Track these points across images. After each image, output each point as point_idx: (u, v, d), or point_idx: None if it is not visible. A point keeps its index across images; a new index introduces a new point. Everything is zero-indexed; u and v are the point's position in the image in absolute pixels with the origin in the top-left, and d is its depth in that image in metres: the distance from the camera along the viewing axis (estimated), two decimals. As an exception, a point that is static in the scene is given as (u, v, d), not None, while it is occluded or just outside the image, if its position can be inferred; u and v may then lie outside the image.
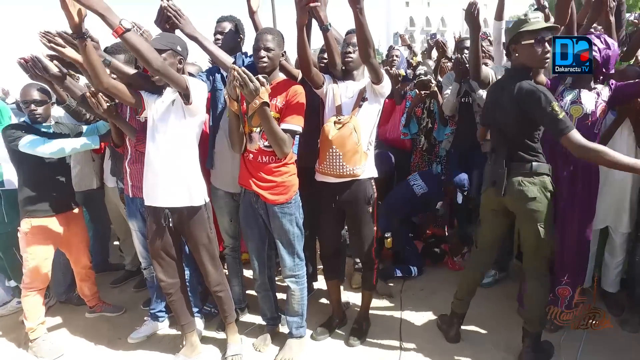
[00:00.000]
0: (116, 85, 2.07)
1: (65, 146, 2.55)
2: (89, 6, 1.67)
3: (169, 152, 2.15)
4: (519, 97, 2.03)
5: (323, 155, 2.29)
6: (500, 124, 2.19)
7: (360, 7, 1.94)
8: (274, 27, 2.32)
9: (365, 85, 2.34)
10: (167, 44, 2.14)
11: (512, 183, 2.13)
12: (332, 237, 2.60)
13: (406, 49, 5.68)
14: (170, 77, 1.99)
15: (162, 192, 2.18)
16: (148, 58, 1.86)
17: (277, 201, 2.31)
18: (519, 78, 2.09)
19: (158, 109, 2.18)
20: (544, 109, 1.95)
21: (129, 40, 1.79)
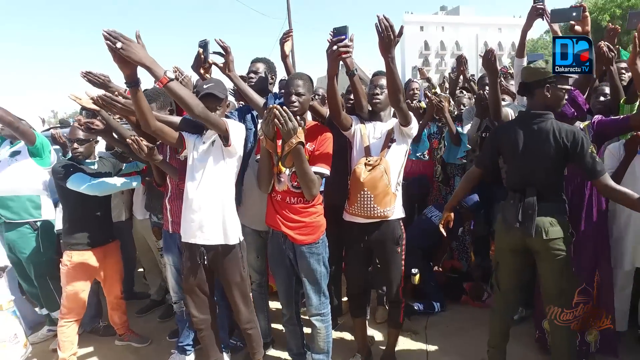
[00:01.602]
0: (162, 128, 2.17)
1: (108, 186, 2.69)
2: (137, 60, 1.80)
3: (207, 191, 2.23)
4: (560, 137, 2.07)
5: (354, 197, 2.33)
6: (528, 164, 2.18)
7: (392, 56, 2.02)
8: (304, 72, 2.41)
9: (393, 126, 2.40)
10: (210, 89, 2.23)
11: (543, 223, 2.13)
12: (360, 276, 2.62)
13: (425, 82, 5.75)
14: (211, 121, 2.10)
15: (199, 230, 2.25)
16: (190, 104, 1.98)
17: (305, 241, 2.35)
18: (547, 118, 2.14)
19: (198, 149, 2.27)
20: (585, 150, 2.02)
21: (172, 89, 1.91)
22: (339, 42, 2.03)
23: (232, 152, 2.25)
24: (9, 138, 3.16)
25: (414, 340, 3.07)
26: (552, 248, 2.12)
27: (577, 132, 2.06)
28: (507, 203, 2.27)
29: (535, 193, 2.15)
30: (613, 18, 22.04)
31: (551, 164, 2.13)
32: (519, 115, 2.30)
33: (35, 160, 3.04)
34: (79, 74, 2.77)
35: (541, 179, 2.16)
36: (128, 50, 1.75)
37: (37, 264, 3.07)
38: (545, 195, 2.15)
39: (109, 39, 1.73)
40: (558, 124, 2.12)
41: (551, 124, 2.12)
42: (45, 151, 3.08)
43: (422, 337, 3.09)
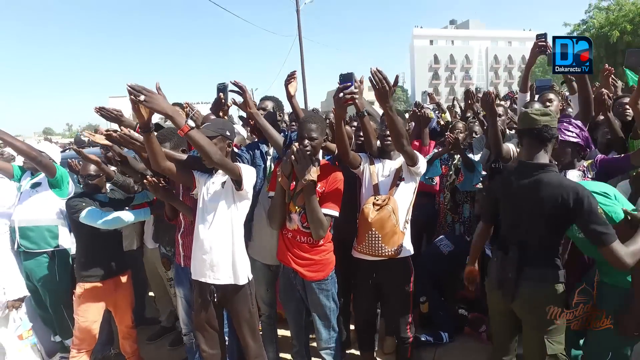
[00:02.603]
0: (171, 168, 2.26)
1: (119, 220, 2.76)
2: (160, 110, 1.92)
3: (217, 233, 2.29)
4: (560, 194, 1.83)
5: (362, 236, 2.38)
6: (520, 221, 1.98)
7: (390, 105, 2.09)
8: (317, 115, 2.48)
9: (402, 165, 2.45)
10: (217, 130, 2.34)
11: (525, 289, 1.93)
12: (368, 312, 2.66)
13: (435, 107, 5.80)
14: (227, 167, 2.19)
15: (209, 270, 2.31)
16: (209, 152, 2.07)
17: (314, 278, 2.40)
18: (550, 169, 1.93)
19: (209, 189, 2.34)
20: (589, 212, 1.77)
21: (193, 137, 2.01)
22: (345, 89, 2.10)
23: (244, 196, 2.31)
24: (30, 169, 3.27)
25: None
26: (533, 318, 1.94)
27: (581, 189, 1.82)
28: (492, 261, 2.13)
29: (519, 255, 1.94)
30: (623, 33, 21.96)
31: (545, 223, 1.90)
32: (519, 165, 2.07)
33: (55, 191, 3.14)
34: (93, 110, 2.90)
35: (531, 238, 1.94)
36: (151, 102, 1.88)
37: (52, 292, 3.15)
38: (534, 258, 1.93)
39: (133, 93, 1.84)
40: (561, 178, 1.92)
41: (553, 177, 1.90)
42: (65, 182, 3.19)
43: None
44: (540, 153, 1.95)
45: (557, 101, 3.32)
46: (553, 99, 3.36)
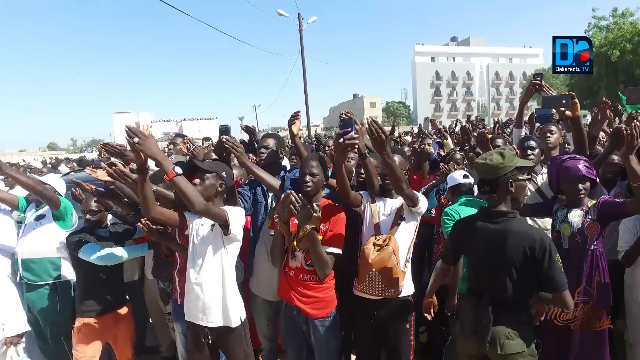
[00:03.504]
0: (162, 213, 2.27)
1: (114, 257, 2.78)
2: (150, 154, 1.98)
3: (208, 276, 2.30)
4: (526, 242, 1.89)
5: (363, 276, 2.39)
6: (491, 268, 2.00)
7: (387, 153, 2.13)
8: (319, 154, 2.52)
9: (403, 204, 2.47)
10: (214, 167, 2.38)
11: (499, 335, 1.93)
12: (369, 351, 2.63)
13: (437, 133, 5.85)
14: (212, 215, 2.21)
15: (202, 313, 2.32)
16: (192, 201, 2.08)
17: (318, 315, 2.41)
18: (512, 217, 1.98)
19: (198, 231, 2.35)
20: (553, 261, 1.86)
21: (178, 184, 2.05)
22: (345, 134, 2.14)
23: (232, 239, 2.32)
24: (35, 201, 3.30)
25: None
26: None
27: (545, 238, 1.90)
28: (464, 307, 2.14)
29: (492, 301, 1.95)
30: (623, 53, 22.16)
31: (515, 270, 1.93)
32: (481, 211, 2.11)
33: (58, 223, 3.16)
34: (98, 147, 2.95)
35: (502, 286, 1.96)
36: (143, 145, 1.94)
37: (53, 324, 3.14)
38: (506, 303, 1.95)
39: (129, 134, 1.92)
40: (525, 226, 1.98)
41: (518, 225, 1.95)
42: (68, 214, 3.21)
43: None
44: (498, 201, 2.00)
45: (558, 134, 3.34)
46: (554, 131, 3.37)
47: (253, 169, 2.58)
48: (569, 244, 2.48)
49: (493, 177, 1.97)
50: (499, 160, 1.96)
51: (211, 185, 2.32)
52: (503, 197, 1.99)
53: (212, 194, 2.33)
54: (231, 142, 2.46)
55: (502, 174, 1.95)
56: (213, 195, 2.34)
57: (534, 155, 3.03)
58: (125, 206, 2.91)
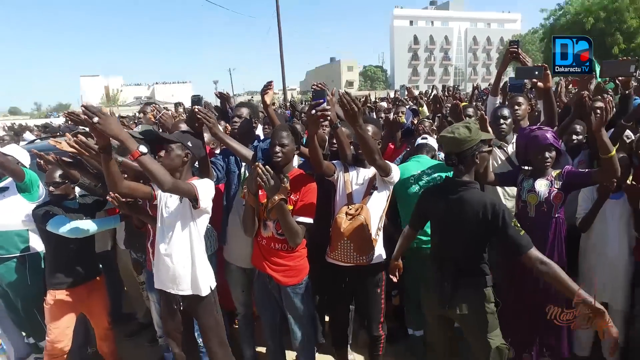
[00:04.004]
0: (130, 187, 2.22)
1: (83, 230, 2.70)
2: (112, 134, 1.87)
3: (177, 248, 2.30)
4: (481, 209, 1.98)
5: (335, 245, 2.44)
6: (449, 237, 2.11)
7: (360, 125, 2.14)
8: (290, 124, 2.49)
9: (375, 174, 2.50)
10: (179, 137, 2.33)
11: (458, 297, 2.08)
12: (341, 313, 2.74)
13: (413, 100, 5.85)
14: (181, 192, 2.17)
15: (171, 282, 2.34)
16: (160, 180, 2.03)
17: (290, 283, 2.47)
18: (472, 187, 2.07)
19: (167, 203, 2.33)
20: (507, 224, 1.93)
21: (144, 163, 1.98)
22: (318, 106, 2.12)
23: (201, 212, 2.31)
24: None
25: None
26: (470, 320, 2.09)
27: (497, 204, 1.99)
28: (429, 273, 2.24)
29: (453, 267, 2.08)
30: (597, 21, 22.42)
31: (471, 237, 2.04)
32: (446, 181, 2.24)
33: (24, 195, 3.05)
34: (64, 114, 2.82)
35: (461, 252, 2.08)
36: (104, 125, 1.83)
37: (23, 296, 3.09)
38: (466, 269, 2.08)
39: (87, 114, 1.80)
40: (479, 194, 2.06)
41: (473, 194, 2.05)
42: (34, 186, 3.10)
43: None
44: (463, 172, 2.08)
45: (526, 105, 3.41)
46: (522, 103, 3.44)
47: (225, 139, 2.54)
48: (535, 213, 2.58)
49: (460, 150, 2.03)
50: (466, 133, 2.01)
51: (177, 156, 2.28)
52: (469, 169, 2.08)
53: (179, 164, 2.29)
54: (203, 113, 2.40)
55: (468, 147, 2.02)
56: (179, 166, 2.30)
57: (506, 124, 3.08)
58: (93, 177, 2.82)
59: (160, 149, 2.29)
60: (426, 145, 3.08)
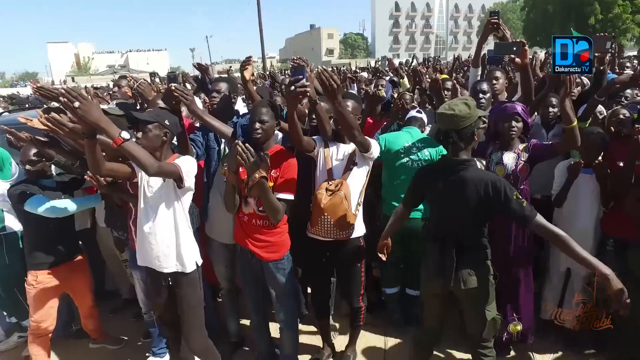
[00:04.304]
0: (112, 168, 2.20)
1: (63, 210, 2.66)
2: (93, 121, 1.82)
3: (161, 226, 2.29)
4: (482, 188, 2.00)
5: (315, 220, 2.47)
6: (450, 215, 2.13)
7: (339, 101, 2.13)
8: (269, 100, 2.46)
9: (355, 150, 2.52)
10: (156, 117, 2.28)
11: (462, 274, 2.10)
12: (322, 286, 2.82)
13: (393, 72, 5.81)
14: (166, 174, 2.17)
15: (156, 260, 2.34)
16: (145, 164, 2.00)
17: (271, 258, 2.51)
18: (470, 165, 2.07)
19: (149, 182, 2.30)
20: (510, 198, 1.96)
21: (127, 149, 1.94)
22: (297, 82, 2.10)
23: (185, 190, 2.31)
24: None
25: (373, 333, 3.33)
26: (471, 295, 2.14)
27: (498, 181, 2.00)
28: (429, 251, 2.24)
29: (455, 244, 2.09)
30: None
31: (472, 215, 2.06)
32: (442, 160, 2.21)
33: (-5, 174, 2.98)
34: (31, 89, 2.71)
35: (462, 229, 2.11)
36: (85, 111, 1.78)
37: (3, 277, 3.08)
38: (466, 245, 2.11)
39: (68, 97, 1.74)
40: (479, 172, 2.07)
41: (473, 172, 2.05)
42: (6, 164, 3.02)
43: (381, 329, 3.36)
44: (462, 150, 2.06)
45: (504, 79, 3.45)
46: (499, 77, 3.50)
47: (204, 117, 2.50)
48: None
49: (460, 127, 2.00)
50: (466, 110, 1.98)
51: (155, 136, 2.24)
52: (467, 146, 2.06)
53: (158, 145, 2.26)
54: (180, 91, 2.35)
55: (468, 124, 2.00)
56: (159, 146, 2.26)
57: (485, 99, 3.12)
58: (69, 155, 2.75)
59: (137, 130, 2.23)
60: (417, 119, 3.12)
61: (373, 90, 3.31)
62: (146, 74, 15.65)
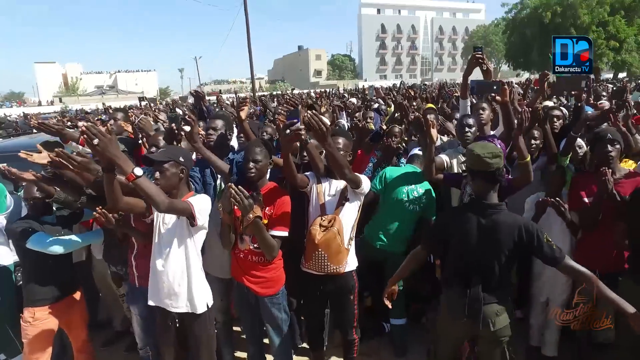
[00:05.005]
0: (129, 203, 2.24)
1: (71, 245, 2.70)
2: (109, 157, 1.88)
3: (174, 264, 2.34)
4: (516, 232, 2.01)
5: (309, 255, 2.56)
6: (481, 257, 2.09)
7: (329, 143, 2.25)
8: (263, 140, 2.57)
9: (347, 186, 2.62)
10: (171, 155, 2.34)
11: (489, 313, 2.07)
12: (317, 318, 2.89)
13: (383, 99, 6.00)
14: (178, 211, 2.22)
15: (168, 299, 2.38)
16: (156, 200, 2.05)
17: (267, 293, 2.58)
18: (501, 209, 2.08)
19: (165, 219, 2.36)
20: (543, 242, 1.99)
21: (139, 185, 1.99)
22: (292, 126, 2.21)
23: (199, 228, 2.37)
24: (-40, 185, 3.07)
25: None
26: (498, 336, 2.10)
27: (530, 225, 2.04)
28: (451, 292, 2.19)
29: (481, 282, 2.07)
30: (554, 15, 23.36)
31: (503, 256, 2.05)
32: (471, 203, 2.21)
33: (-10, 208, 2.99)
34: (32, 123, 2.76)
35: (490, 271, 2.08)
36: (103, 148, 1.84)
37: (-5, 313, 3.05)
38: (492, 284, 2.08)
39: (89, 135, 1.81)
40: (512, 217, 2.08)
41: (506, 217, 2.06)
42: (1, 197, 3.04)
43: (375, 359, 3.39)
44: (491, 193, 2.09)
45: (489, 111, 3.60)
46: (485, 108, 3.62)
47: (207, 153, 2.63)
48: None
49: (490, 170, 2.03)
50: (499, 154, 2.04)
51: (173, 174, 2.29)
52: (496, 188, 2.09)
53: (176, 182, 2.32)
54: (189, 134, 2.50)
55: (500, 170, 2.04)
56: (177, 183, 2.32)
57: (471, 132, 3.21)
58: (70, 190, 2.75)
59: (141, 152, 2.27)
60: (419, 157, 3.25)
61: (362, 123, 3.42)
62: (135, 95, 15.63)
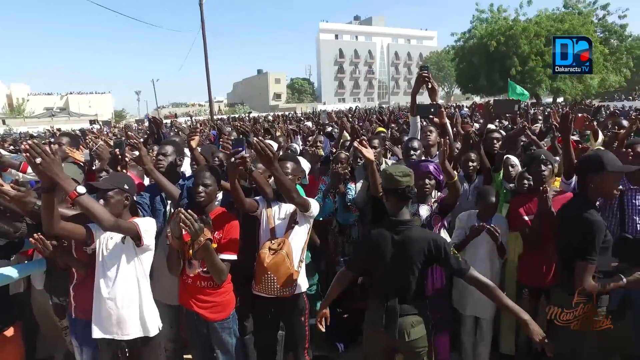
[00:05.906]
0: (66, 228, 2.18)
1: (10, 275, 2.56)
2: (51, 176, 1.87)
3: (122, 288, 2.30)
4: (425, 246, 2.17)
5: (259, 278, 2.59)
6: (396, 273, 2.22)
7: (275, 167, 2.34)
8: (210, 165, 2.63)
9: (296, 209, 2.70)
10: (115, 183, 2.35)
11: (405, 325, 2.20)
12: (269, 341, 2.89)
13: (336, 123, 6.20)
14: (123, 230, 2.22)
15: (116, 326, 2.31)
16: (101, 219, 2.06)
17: (217, 318, 2.58)
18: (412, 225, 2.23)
19: (108, 244, 2.33)
20: (449, 255, 2.16)
21: (82, 203, 2.00)
22: (236, 154, 2.30)
23: (145, 249, 2.36)
24: None
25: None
26: (414, 347, 2.24)
27: (438, 239, 2.20)
28: (372, 307, 2.31)
29: (397, 296, 2.21)
30: (499, 44, 25.15)
31: (416, 269, 2.19)
32: (388, 222, 2.29)
33: None
34: None
35: (405, 284, 2.22)
36: (45, 167, 1.83)
37: None
38: (408, 297, 2.22)
39: (32, 153, 1.79)
40: (422, 231, 2.26)
41: (416, 232, 2.21)
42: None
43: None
44: (403, 209, 2.25)
45: (436, 133, 3.84)
46: (433, 131, 3.88)
47: (159, 178, 2.67)
48: None
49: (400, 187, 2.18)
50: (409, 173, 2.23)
51: (117, 201, 2.30)
52: (406, 207, 2.26)
53: (121, 209, 2.32)
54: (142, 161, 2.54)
55: (410, 187, 2.21)
56: (121, 210, 2.32)
57: (416, 155, 3.38)
58: (8, 220, 2.68)
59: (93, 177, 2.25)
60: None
61: (312, 150, 3.55)
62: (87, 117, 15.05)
